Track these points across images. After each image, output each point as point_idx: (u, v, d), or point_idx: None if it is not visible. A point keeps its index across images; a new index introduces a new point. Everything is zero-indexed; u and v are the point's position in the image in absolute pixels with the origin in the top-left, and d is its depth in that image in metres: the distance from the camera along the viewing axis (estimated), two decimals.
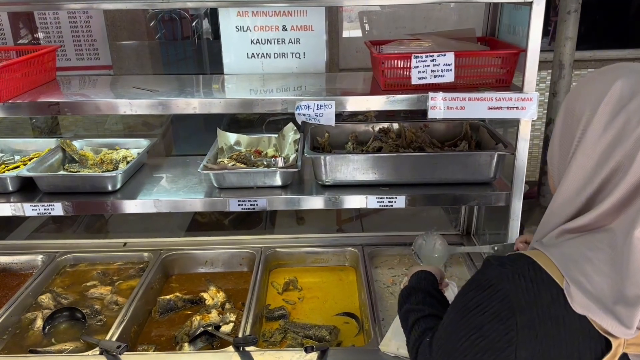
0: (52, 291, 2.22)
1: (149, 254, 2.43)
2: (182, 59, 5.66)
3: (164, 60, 5.08)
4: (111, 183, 1.96)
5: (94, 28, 4.67)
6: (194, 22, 5.73)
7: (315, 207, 1.96)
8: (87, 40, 4.71)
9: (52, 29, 4.63)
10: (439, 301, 1.40)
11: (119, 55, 4.35)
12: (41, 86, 2.02)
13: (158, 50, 4.96)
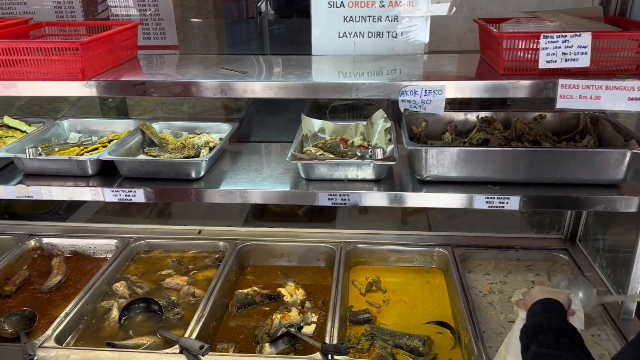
0: (127, 279, 2.14)
1: (224, 244, 2.32)
2: (246, 40, 5.55)
3: (228, 41, 4.98)
4: (195, 170, 1.83)
5: (161, 7, 4.60)
6: (259, 3, 5.61)
7: (413, 205, 1.77)
8: (154, 19, 4.65)
9: (121, 6, 4.59)
10: (575, 343, 1.18)
11: (185, 35, 4.26)
12: (123, 64, 1.91)
13: (223, 30, 4.86)
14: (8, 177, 1.91)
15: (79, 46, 1.60)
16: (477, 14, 2.66)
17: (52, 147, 1.92)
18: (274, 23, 6.16)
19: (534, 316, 1.34)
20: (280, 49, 6.01)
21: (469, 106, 2.48)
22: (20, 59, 1.66)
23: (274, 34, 6.17)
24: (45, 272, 2.22)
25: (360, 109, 2.86)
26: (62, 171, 1.88)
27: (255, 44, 5.76)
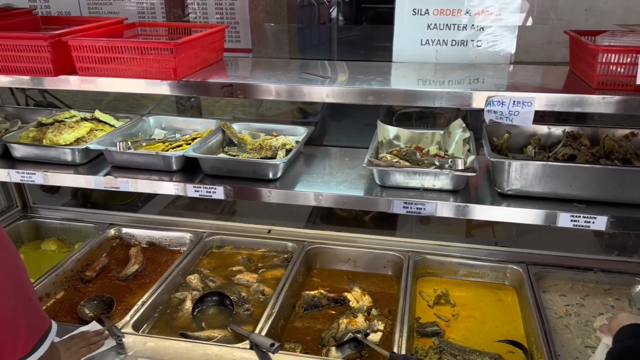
0: (200, 272, 2.21)
1: (292, 245, 2.35)
2: (316, 45, 5.62)
3: (299, 46, 5.06)
4: (273, 171, 1.87)
5: (237, 10, 4.73)
6: (332, 9, 5.67)
7: (491, 218, 1.72)
8: (229, 22, 4.81)
9: (199, 10, 4.77)
10: None
11: (259, 39, 4.37)
12: (210, 65, 1.97)
13: (295, 35, 4.94)
14: (97, 168, 2.02)
15: (173, 47, 1.68)
16: (560, 25, 2.56)
17: (140, 142, 2.02)
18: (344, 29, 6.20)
19: (621, 341, 1.28)
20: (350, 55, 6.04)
21: (544, 119, 2.39)
22: (119, 57, 1.76)
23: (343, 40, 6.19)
24: (123, 261, 2.33)
25: (427, 118, 2.82)
26: (148, 165, 1.97)
27: (325, 49, 5.82)
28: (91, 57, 1.76)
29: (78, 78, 1.80)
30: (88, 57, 1.76)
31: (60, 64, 1.79)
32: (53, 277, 2.10)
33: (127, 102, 2.79)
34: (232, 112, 2.74)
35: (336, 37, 6.04)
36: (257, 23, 4.73)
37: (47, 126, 2.15)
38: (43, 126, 2.16)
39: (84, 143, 2.04)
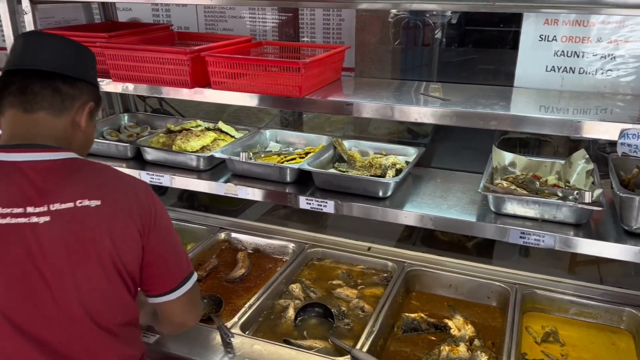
0: (302, 282, 2.28)
1: (392, 264, 2.35)
2: (418, 66, 5.62)
3: (402, 66, 5.09)
4: (383, 189, 1.90)
5: (344, 31, 4.87)
6: (437, 30, 5.65)
7: (617, 257, 1.62)
8: (335, 42, 4.94)
9: (307, 29, 4.96)
10: None
11: (362, 59, 4.45)
12: (330, 84, 2.05)
13: (398, 55, 4.98)
14: (217, 175, 2.16)
15: (301, 66, 1.77)
16: None
17: (259, 154, 2.13)
18: (447, 51, 6.13)
19: None
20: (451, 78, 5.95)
21: None
22: (249, 73, 1.89)
23: (444, 61, 6.12)
24: (231, 264, 2.45)
25: (529, 145, 2.72)
26: (264, 175, 2.07)
27: (426, 71, 5.80)
28: (225, 72, 1.89)
29: (211, 91, 1.94)
30: (222, 72, 1.90)
31: (196, 77, 1.95)
32: None
33: (247, 116, 2.96)
34: (348, 129, 2.81)
35: (437, 59, 5.99)
36: (363, 43, 4.83)
37: (175, 133, 2.33)
38: (171, 133, 2.35)
39: (208, 151, 2.20)
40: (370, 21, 4.67)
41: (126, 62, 1.96)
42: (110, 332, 1.34)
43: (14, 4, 2.06)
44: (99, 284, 1.28)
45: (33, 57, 1.32)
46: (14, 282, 1.21)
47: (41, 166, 1.28)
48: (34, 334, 1.23)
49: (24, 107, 1.31)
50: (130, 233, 1.31)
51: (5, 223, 1.20)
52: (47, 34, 1.41)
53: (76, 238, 1.25)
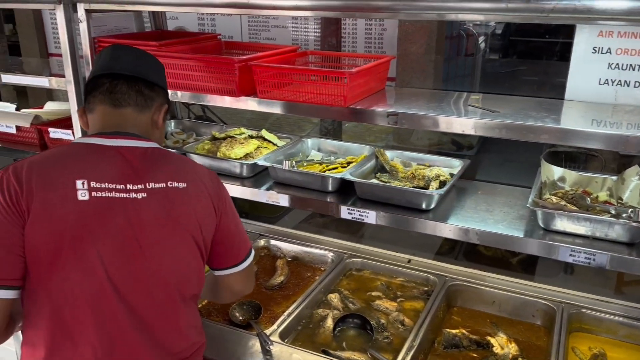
0: (341, 292, 2.26)
1: (433, 278, 2.31)
2: (460, 76, 5.54)
3: (443, 76, 5.03)
4: (427, 201, 1.87)
5: (386, 40, 4.86)
6: (479, 41, 5.56)
7: None
8: (377, 51, 4.93)
9: (349, 39, 4.97)
10: None
11: (403, 68, 4.42)
12: (374, 94, 2.04)
13: (441, 65, 4.93)
14: (260, 183, 2.18)
15: (347, 76, 1.77)
16: None
17: (302, 162, 2.14)
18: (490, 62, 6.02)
19: None
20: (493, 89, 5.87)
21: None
22: (295, 83, 1.90)
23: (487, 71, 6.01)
24: (270, 271, 2.46)
25: (576, 159, 2.63)
26: (306, 184, 2.08)
27: (469, 81, 5.71)
28: (271, 82, 1.91)
29: (257, 100, 1.97)
30: (268, 81, 1.92)
31: (243, 86, 1.97)
32: None
33: (289, 124, 2.98)
34: (384, 139, 2.80)
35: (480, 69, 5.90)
36: (405, 53, 4.80)
37: (219, 140, 2.37)
38: (216, 140, 2.39)
39: (251, 158, 2.22)
40: (413, 31, 4.64)
41: (176, 70, 2.01)
42: (185, 302, 1.50)
43: (70, 12, 2.14)
44: (184, 254, 1.47)
45: (119, 64, 1.51)
46: (117, 249, 1.36)
47: (137, 152, 1.46)
48: (127, 298, 1.38)
49: (113, 104, 1.49)
50: (209, 212, 1.51)
51: (110, 196, 1.37)
52: (127, 47, 1.61)
53: (167, 213, 1.43)
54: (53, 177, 1.35)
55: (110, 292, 1.35)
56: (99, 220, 1.35)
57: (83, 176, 1.36)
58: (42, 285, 1.34)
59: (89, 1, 2.09)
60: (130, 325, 1.39)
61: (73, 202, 1.33)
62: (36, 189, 1.32)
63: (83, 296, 1.34)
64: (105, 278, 1.35)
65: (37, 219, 1.31)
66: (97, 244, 1.34)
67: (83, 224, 1.33)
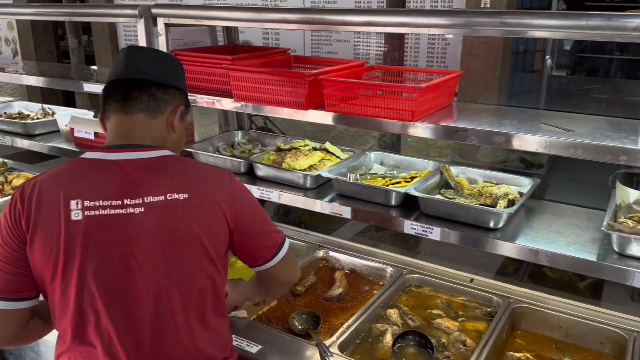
0: (400, 308, 2.24)
1: (497, 299, 2.24)
2: (526, 93, 5.40)
3: (508, 92, 4.92)
4: (495, 220, 1.83)
5: (449, 55, 4.82)
6: (547, 57, 5.41)
7: None
8: (439, 66, 4.90)
9: (411, 53, 4.97)
10: None
11: (466, 83, 4.36)
12: (441, 109, 2.03)
13: (505, 81, 4.83)
14: (322, 194, 2.21)
15: (416, 91, 1.77)
16: None
17: (365, 175, 2.15)
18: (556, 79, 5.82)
19: None
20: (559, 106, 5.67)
21: None
22: (363, 97, 1.92)
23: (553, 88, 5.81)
24: (328, 282, 2.48)
25: None
26: (369, 197, 2.08)
27: (534, 98, 5.54)
28: (339, 95, 1.95)
29: (325, 113, 2.00)
30: (336, 95, 1.95)
31: (311, 99, 2.02)
32: None
33: (352, 137, 3.01)
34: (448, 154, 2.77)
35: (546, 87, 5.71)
36: (468, 68, 4.73)
37: (284, 151, 2.42)
38: (281, 151, 2.45)
39: (315, 170, 2.26)
40: (477, 46, 4.58)
41: (248, 83, 2.08)
42: (201, 319, 1.49)
43: (150, 26, 2.27)
44: (190, 268, 1.44)
45: (132, 68, 1.53)
46: (109, 266, 1.38)
47: (137, 164, 1.46)
48: (124, 313, 1.40)
49: (124, 111, 1.51)
50: (216, 219, 1.47)
51: (105, 214, 1.38)
52: (144, 48, 1.62)
53: (167, 226, 1.41)
54: (51, 198, 1.39)
55: (103, 309, 1.38)
56: (92, 239, 1.37)
57: (77, 196, 1.38)
58: (48, 296, 1.43)
59: (168, 16, 2.20)
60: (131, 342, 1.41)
61: (66, 222, 1.36)
62: (35, 210, 1.38)
63: (82, 311, 1.39)
64: (97, 294, 1.38)
65: (35, 239, 1.37)
66: (89, 261, 1.36)
67: (75, 244, 1.36)
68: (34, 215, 1.37)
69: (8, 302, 1.41)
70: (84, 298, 1.38)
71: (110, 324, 1.40)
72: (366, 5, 4.77)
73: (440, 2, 4.59)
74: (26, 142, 2.96)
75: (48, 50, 7.03)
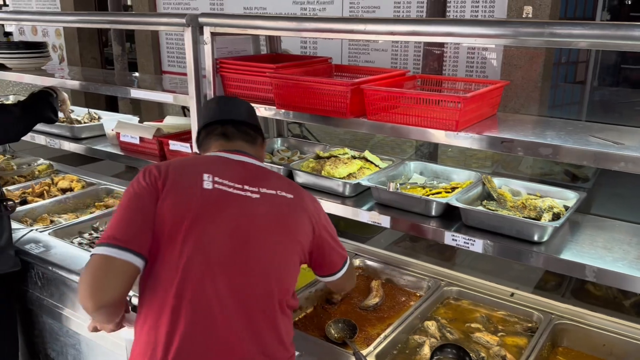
0: (438, 320, 2.22)
1: (538, 315, 2.19)
2: (567, 104, 5.28)
3: (549, 103, 4.82)
4: (539, 233, 1.79)
5: (488, 66, 4.76)
6: (590, 68, 5.28)
7: None
8: (478, 76, 4.84)
9: (450, 62, 4.92)
10: None
11: (506, 93, 4.29)
12: (485, 120, 2.01)
13: (547, 92, 4.74)
14: (361, 203, 2.21)
15: (461, 100, 1.76)
16: None
17: (405, 185, 2.14)
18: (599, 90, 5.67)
19: None
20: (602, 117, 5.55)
21: None
22: (405, 106, 1.92)
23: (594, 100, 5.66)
24: (364, 291, 2.47)
25: None
26: (408, 207, 2.07)
27: (576, 109, 5.41)
28: (381, 104, 1.95)
29: (366, 121, 2.01)
30: (379, 104, 1.95)
31: (353, 108, 2.02)
32: (307, 293, 2.34)
33: (391, 147, 3.00)
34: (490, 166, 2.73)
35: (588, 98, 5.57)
36: (509, 78, 4.66)
37: (323, 159, 2.44)
38: (320, 159, 2.46)
39: (354, 178, 2.26)
40: (518, 56, 4.51)
41: (291, 91, 2.11)
42: (282, 308, 1.63)
43: (197, 34, 2.32)
44: (286, 257, 1.64)
45: (226, 112, 1.82)
46: (228, 234, 1.55)
47: (251, 165, 1.73)
48: (227, 282, 1.53)
49: (227, 139, 1.78)
50: (307, 226, 1.68)
51: (229, 191, 1.60)
52: (230, 97, 1.94)
53: (275, 215, 1.63)
54: (186, 169, 1.63)
55: (215, 273, 1.51)
56: (217, 206, 1.56)
57: (209, 172, 1.61)
58: (159, 261, 1.51)
59: (215, 25, 2.25)
60: (224, 310, 1.51)
61: (199, 188, 1.57)
62: (171, 175, 1.58)
63: (191, 270, 1.49)
64: (215, 257, 1.52)
65: (168, 196, 1.54)
66: (212, 225, 1.54)
67: (204, 206, 1.55)
68: (171, 178, 1.56)
69: (129, 253, 1.46)
70: (194, 261, 1.50)
71: (213, 290, 1.51)
72: (405, 14, 4.77)
73: (480, 11, 4.55)
74: (73, 145, 3.06)
75: (92, 57, 7.28)
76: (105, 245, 1.46)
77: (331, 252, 1.80)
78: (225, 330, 1.52)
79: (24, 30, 7.71)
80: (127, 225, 1.50)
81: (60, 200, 3.24)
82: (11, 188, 3.42)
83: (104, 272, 1.45)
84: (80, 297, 1.45)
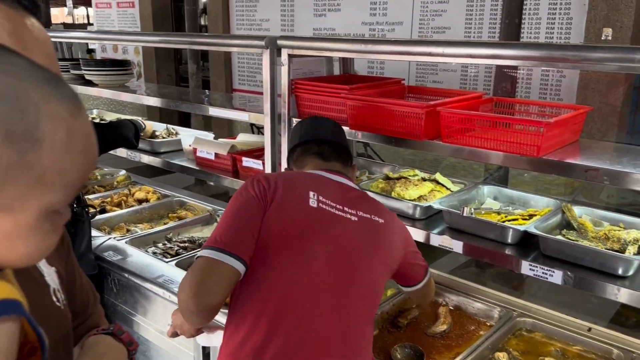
0: (509, 352, 2.13)
1: (617, 352, 2.06)
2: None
3: (629, 129, 4.58)
4: (624, 267, 1.70)
5: (564, 88, 4.59)
6: None
7: None
8: (552, 99, 4.68)
9: (522, 84, 4.79)
10: None
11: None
12: (566, 146, 1.94)
13: (626, 117, 4.51)
14: (430, 226, 2.18)
15: (544, 126, 1.71)
16: None
17: (479, 210, 2.10)
18: None
19: None
20: None
21: None
22: (482, 129, 1.88)
23: None
24: (431, 316, 2.41)
25: None
26: (482, 233, 2.02)
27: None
28: (457, 127, 1.93)
29: (442, 144, 1.99)
30: (454, 126, 1.93)
31: (427, 130, 2.01)
32: None
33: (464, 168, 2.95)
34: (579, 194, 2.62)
35: None
36: (585, 102, 4.48)
37: (393, 180, 2.43)
38: (389, 180, 2.45)
39: (425, 201, 2.24)
40: (596, 79, 4.33)
41: (364, 112, 2.13)
42: (368, 326, 1.67)
43: (274, 56, 2.39)
44: (377, 277, 1.68)
45: (322, 132, 1.88)
46: (332, 255, 1.60)
47: (348, 187, 1.78)
48: (330, 298, 1.58)
49: (323, 159, 1.84)
50: (398, 247, 1.77)
51: (332, 211, 1.66)
52: (323, 118, 2.00)
53: (371, 239, 1.68)
54: (294, 184, 1.69)
55: (316, 289, 1.55)
56: (322, 225, 1.61)
57: (315, 190, 1.66)
58: (261, 270, 1.53)
59: (293, 47, 2.32)
60: (323, 327, 1.54)
61: (305, 204, 1.62)
62: (281, 187, 1.62)
63: (293, 284, 1.53)
64: (317, 274, 1.56)
65: (276, 209, 1.58)
66: (317, 243, 1.58)
67: (309, 224, 1.60)
68: (280, 191, 1.61)
69: (234, 259, 1.47)
70: (297, 275, 1.54)
71: (315, 307, 1.55)
72: (476, 35, 4.70)
73: (556, 34, 4.42)
74: (152, 158, 3.22)
75: (168, 74, 7.66)
76: (212, 248, 1.48)
77: (415, 266, 1.89)
78: (319, 346, 1.53)
79: (106, 47, 8.25)
80: (235, 232, 1.52)
81: (137, 210, 3.40)
82: (91, 197, 3.63)
83: (209, 274, 1.46)
84: (184, 297, 1.44)
